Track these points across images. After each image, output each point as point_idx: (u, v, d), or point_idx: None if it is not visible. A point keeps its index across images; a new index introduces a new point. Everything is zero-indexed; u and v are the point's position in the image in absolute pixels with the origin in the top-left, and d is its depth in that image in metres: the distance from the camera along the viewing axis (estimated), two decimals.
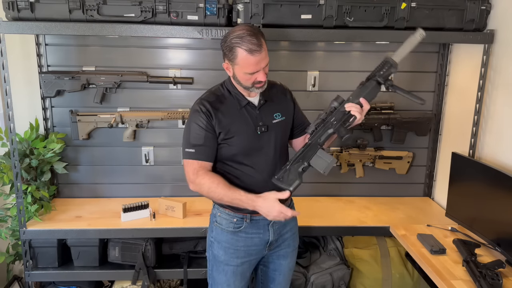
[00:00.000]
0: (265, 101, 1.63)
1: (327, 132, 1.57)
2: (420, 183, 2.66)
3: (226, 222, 1.65)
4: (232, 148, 1.59)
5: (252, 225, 1.64)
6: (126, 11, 1.93)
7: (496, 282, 1.57)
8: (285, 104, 1.70)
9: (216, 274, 1.71)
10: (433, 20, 2.05)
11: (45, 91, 2.29)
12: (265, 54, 1.50)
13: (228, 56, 1.51)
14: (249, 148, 1.59)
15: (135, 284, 2.25)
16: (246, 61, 1.47)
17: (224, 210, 1.66)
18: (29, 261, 2.18)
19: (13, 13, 1.89)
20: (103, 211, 2.32)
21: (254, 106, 1.61)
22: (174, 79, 2.36)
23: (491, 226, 1.88)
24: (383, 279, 2.32)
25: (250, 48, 1.44)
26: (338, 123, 1.56)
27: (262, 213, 1.53)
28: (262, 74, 1.51)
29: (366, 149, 2.53)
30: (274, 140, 1.62)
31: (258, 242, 1.67)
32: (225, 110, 1.58)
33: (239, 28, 1.49)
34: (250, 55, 1.45)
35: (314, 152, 1.57)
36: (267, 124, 1.61)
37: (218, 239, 1.68)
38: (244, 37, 1.45)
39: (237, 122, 1.58)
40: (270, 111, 1.64)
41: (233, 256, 1.66)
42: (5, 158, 2.17)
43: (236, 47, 1.46)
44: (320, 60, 2.45)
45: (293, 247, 1.79)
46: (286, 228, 1.73)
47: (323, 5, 1.98)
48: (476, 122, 2.17)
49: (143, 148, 2.48)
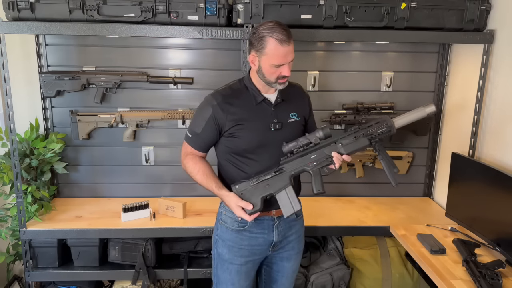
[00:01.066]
0: (282, 99, 1.63)
1: (304, 169, 1.58)
2: (420, 183, 2.66)
3: (231, 221, 1.66)
4: (242, 142, 1.59)
5: (256, 225, 1.65)
6: (126, 11, 1.94)
7: (496, 282, 1.57)
8: (302, 106, 1.71)
9: (220, 272, 1.72)
10: (433, 20, 2.06)
11: (45, 91, 2.29)
12: (293, 49, 1.51)
13: (256, 47, 1.52)
14: (260, 144, 1.59)
15: (135, 284, 2.25)
16: (275, 51, 1.48)
17: (229, 209, 1.66)
18: (29, 261, 2.18)
19: (13, 13, 1.89)
20: (103, 211, 2.32)
21: (270, 103, 1.62)
22: (174, 79, 2.36)
23: (491, 226, 1.88)
24: (383, 279, 2.32)
25: (280, 38, 1.47)
26: (317, 165, 1.57)
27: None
28: (288, 68, 1.52)
29: (366, 149, 2.53)
30: (286, 139, 1.61)
31: (262, 242, 1.67)
32: (239, 103, 1.59)
33: (270, 21, 1.52)
34: (279, 45, 1.47)
35: (283, 186, 1.56)
36: (282, 122, 1.61)
37: (223, 237, 1.68)
38: (275, 28, 1.48)
39: (250, 117, 1.59)
40: (286, 110, 1.64)
41: (237, 255, 1.66)
42: (5, 158, 2.17)
43: (267, 37, 1.48)
44: (320, 60, 2.45)
45: (298, 250, 1.78)
46: (291, 230, 1.72)
47: (323, 5, 1.98)
48: (476, 122, 2.17)
49: (143, 148, 2.49)
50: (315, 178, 1.58)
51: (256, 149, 1.60)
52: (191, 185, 2.47)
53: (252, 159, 1.61)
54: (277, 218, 1.66)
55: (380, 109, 2.45)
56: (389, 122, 1.57)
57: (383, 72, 2.47)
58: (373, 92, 2.50)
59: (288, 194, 1.57)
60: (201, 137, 1.62)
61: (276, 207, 1.64)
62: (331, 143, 1.58)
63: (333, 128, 2.51)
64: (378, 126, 1.57)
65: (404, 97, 2.52)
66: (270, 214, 1.65)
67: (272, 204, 1.62)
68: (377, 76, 2.48)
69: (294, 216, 1.70)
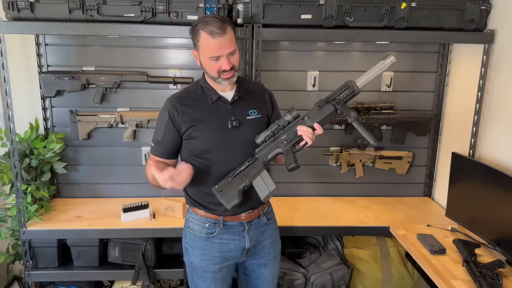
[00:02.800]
0: (239, 97, 1.60)
1: (275, 151, 1.54)
2: (420, 183, 2.66)
3: (199, 228, 1.62)
4: (200, 142, 1.55)
5: (226, 231, 1.61)
6: (126, 11, 1.93)
7: (496, 282, 1.57)
8: (262, 103, 1.67)
9: (196, 279, 1.68)
10: (433, 20, 2.06)
11: (45, 91, 2.29)
12: (230, 41, 1.48)
13: (194, 42, 1.53)
14: (219, 143, 1.56)
15: (135, 284, 2.25)
16: (207, 44, 1.47)
17: (196, 215, 1.64)
18: (29, 261, 2.18)
19: (13, 13, 1.89)
20: (103, 211, 2.32)
21: (226, 101, 1.59)
22: (174, 79, 2.36)
23: (491, 226, 1.88)
24: (383, 279, 2.32)
25: (211, 30, 1.45)
26: (288, 144, 1.53)
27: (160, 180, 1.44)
28: (226, 61, 1.48)
29: (366, 149, 2.53)
30: (246, 136, 1.57)
31: (234, 248, 1.62)
32: (194, 104, 1.58)
33: (207, 15, 1.53)
34: (211, 37, 1.45)
35: (258, 171, 1.53)
36: (240, 119, 1.58)
37: (193, 246, 1.65)
38: (208, 21, 1.47)
39: (205, 117, 1.56)
40: (244, 107, 1.61)
41: (209, 263, 1.62)
42: (5, 158, 2.17)
43: (200, 30, 1.48)
44: (320, 60, 2.45)
45: (274, 254, 1.73)
46: (264, 235, 1.67)
47: (323, 5, 1.98)
48: (476, 122, 2.17)
49: (143, 148, 2.48)
50: (287, 155, 1.52)
51: (216, 148, 1.56)
52: None
53: (214, 159, 1.57)
54: (246, 223, 1.62)
55: (380, 109, 2.45)
56: (350, 83, 1.52)
57: (383, 72, 2.46)
58: (373, 92, 2.49)
59: (263, 178, 1.53)
60: (163, 143, 1.59)
61: (245, 210, 1.61)
62: (299, 120, 1.54)
63: (333, 128, 2.52)
64: (339, 91, 1.53)
65: (404, 97, 2.52)
66: (239, 219, 1.61)
67: (241, 207, 1.57)
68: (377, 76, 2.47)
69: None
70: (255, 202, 1.62)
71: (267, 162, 1.55)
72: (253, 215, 1.63)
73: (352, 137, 2.54)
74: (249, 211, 1.62)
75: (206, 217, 1.62)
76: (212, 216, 1.61)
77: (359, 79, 1.53)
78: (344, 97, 1.52)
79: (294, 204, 2.47)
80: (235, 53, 1.52)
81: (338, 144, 2.55)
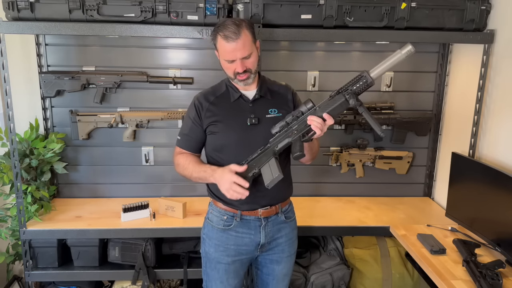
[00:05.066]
0: (260, 96, 1.65)
1: (286, 140, 1.55)
2: (420, 183, 2.66)
3: (217, 220, 1.67)
4: (220, 138, 1.62)
5: (242, 224, 1.65)
6: (126, 11, 1.93)
7: (496, 282, 1.57)
8: (284, 102, 1.69)
9: (209, 270, 1.72)
10: (433, 20, 2.05)
11: (45, 91, 2.29)
12: (244, 46, 1.51)
13: (213, 43, 1.59)
14: (237, 140, 1.60)
15: (135, 284, 2.25)
16: (222, 48, 1.53)
17: (216, 207, 1.69)
18: (29, 261, 2.18)
19: (13, 13, 1.89)
20: (103, 211, 2.32)
21: (248, 99, 1.64)
22: (174, 79, 2.36)
23: (491, 226, 1.88)
24: (383, 279, 2.32)
25: (225, 34, 1.50)
26: (298, 133, 1.54)
27: (217, 182, 1.56)
28: (240, 65, 1.53)
29: (366, 149, 2.53)
30: (264, 135, 1.59)
31: (249, 243, 1.66)
32: (217, 101, 1.64)
33: (227, 19, 1.57)
34: (225, 41, 1.50)
35: (267, 159, 1.55)
36: (259, 117, 1.62)
37: (209, 236, 1.70)
38: (225, 25, 1.51)
39: (226, 114, 1.62)
40: (264, 106, 1.65)
41: (224, 254, 1.67)
42: (5, 158, 2.17)
43: (217, 34, 1.54)
44: (320, 60, 2.45)
45: (288, 253, 1.75)
46: (280, 232, 1.70)
47: (323, 5, 1.98)
48: (476, 122, 2.17)
49: (143, 148, 2.48)
50: (294, 143, 1.53)
51: (234, 144, 1.61)
52: (191, 185, 2.47)
53: (232, 155, 1.61)
54: (264, 219, 1.65)
55: (380, 109, 2.45)
56: (363, 73, 1.47)
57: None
58: (373, 92, 2.49)
59: (270, 166, 1.54)
60: (190, 136, 1.68)
61: (262, 206, 1.64)
62: (311, 111, 1.53)
63: (333, 128, 2.52)
64: (352, 81, 1.50)
65: (404, 97, 2.52)
66: (257, 214, 1.65)
67: (259, 203, 1.63)
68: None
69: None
70: (273, 199, 1.66)
71: (277, 151, 1.57)
72: (270, 211, 1.67)
73: (352, 137, 2.54)
74: (267, 207, 1.65)
75: (225, 210, 1.66)
76: (230, 210, 1.66)
77: (374, 70, 1.48)
78: (357, 88, 1.49)
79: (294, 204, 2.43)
80: (250, 57, 1.55)
81: (338, 144, 2.56)
